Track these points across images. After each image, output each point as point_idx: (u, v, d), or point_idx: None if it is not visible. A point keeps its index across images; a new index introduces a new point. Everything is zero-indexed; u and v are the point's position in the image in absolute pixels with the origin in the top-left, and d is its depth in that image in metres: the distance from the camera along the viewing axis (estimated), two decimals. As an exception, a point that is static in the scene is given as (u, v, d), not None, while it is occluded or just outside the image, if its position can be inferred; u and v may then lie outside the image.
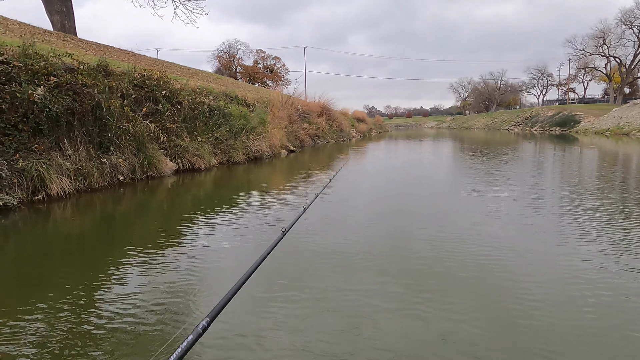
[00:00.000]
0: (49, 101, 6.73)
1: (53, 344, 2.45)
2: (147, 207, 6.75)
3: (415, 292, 3.10)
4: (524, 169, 10.75)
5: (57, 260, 4.20)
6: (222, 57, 70.36)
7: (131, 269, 3.72)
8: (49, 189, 6.22)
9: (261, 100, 20.89)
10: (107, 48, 21.86)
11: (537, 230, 4.77)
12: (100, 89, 7.88)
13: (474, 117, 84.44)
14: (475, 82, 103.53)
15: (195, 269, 3.69)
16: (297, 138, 19.32)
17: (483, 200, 6.45)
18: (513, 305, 2.87)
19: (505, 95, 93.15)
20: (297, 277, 3.47)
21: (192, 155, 9.96)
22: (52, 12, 22.89)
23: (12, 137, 6.26)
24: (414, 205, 6.44)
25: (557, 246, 4.17)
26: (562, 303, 2.91)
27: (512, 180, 8.67)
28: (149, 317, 2.80)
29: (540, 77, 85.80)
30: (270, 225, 5.13)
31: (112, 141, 7.91)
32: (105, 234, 5.20)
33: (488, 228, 4.88)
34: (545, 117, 49.27)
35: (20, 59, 7.15)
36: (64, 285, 3.39)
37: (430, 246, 4.20)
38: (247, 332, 2.57)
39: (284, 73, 73.06)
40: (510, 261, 3.75)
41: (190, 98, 11.48)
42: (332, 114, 27.35)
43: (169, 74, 17.67)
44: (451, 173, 10.91)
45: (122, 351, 2.38)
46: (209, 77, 26.94)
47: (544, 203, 6.31)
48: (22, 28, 18.01)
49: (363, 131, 36.63)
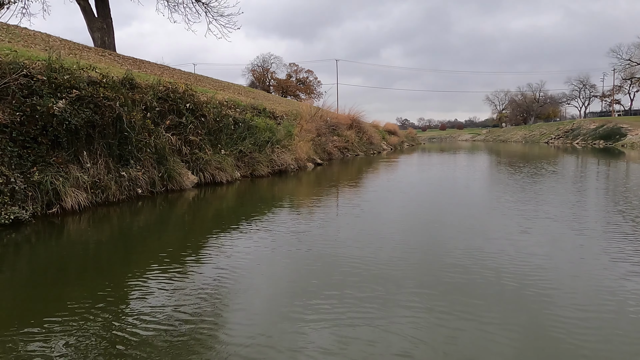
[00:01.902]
0: (68, 114, 6.72)
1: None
2: (164, 221, 6.57)
3: (451, 306, 3.09)
4: (566, 185, 9.98)
5: (70, 275, 4.08)
6: (256, 70, 71.62)
7: (151, 285, 3.61)
8: (63, 202, 6.15)
9: (290, 112, 20.81)
10: (142, 62, 22.48)
11: (584, 255, 4.31)
12: (122, 101, 7.86)
13: (511, 130, 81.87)
14: (512, 93, 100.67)
15: (219, 288, 3.57)
16: (325, 151, 19.03)
17: (520, 216, 5.88)
18: (554, 331, 2.71)
19: (544, 107, 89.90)
20: (332, 291, 3.43)
21: (214, 169, 9.83)
22: (93, 29, 23.85)
23: (30, 149, 6.25)
24: (448, 223, 5.95)
25: (604, 269, 3.90)
26: (606, 328, 2.76)
27: (552, 196, 8.00)
28: (173, 336, 2.70)
29: (582, 88, 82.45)
30: (297, 240, 5.03)
31: (132, 154, 7.84)
32: (121, 249, 5.04)
33: (526, 245, 4.54)
34: (587, 129, 47.02)
35: (45, 73, 7.21)
36: (80, 301, 3.29)
37: (468, 262, 4.09)
38: (283, 348, 2.54)
39: (316, 86, 73.53)
40: (552, 284, 3.51)
41: (215, 111, 11.42)
42: (362, 127, 26.97)
43: (199, 87, 17.91)
44: (486, 189, 10.27)
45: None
46: (240, 90, 27.23)
47: (589, 222, 5.71)
48: (63, 44, 18.73)
49: (394, 144, 35.99)
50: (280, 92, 68.49)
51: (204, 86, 21.00)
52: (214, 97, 12.61)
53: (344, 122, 24.66)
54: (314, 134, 18.57)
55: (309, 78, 73.88)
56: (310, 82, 73.70)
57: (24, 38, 15.45)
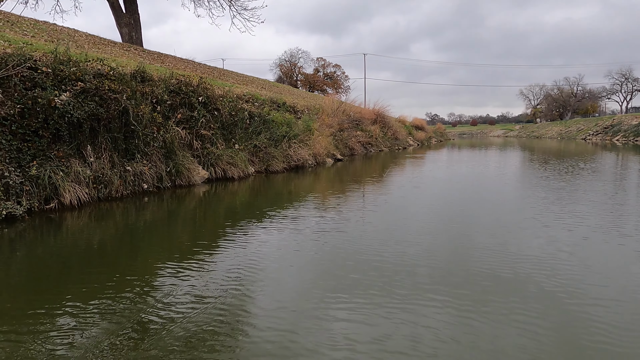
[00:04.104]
0: (71, 107, 6.55)
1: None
2: (166, 217, 6.30)
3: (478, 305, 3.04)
4: (606, 185, 9.17)
5: (60, 273, 3.90)
6: (283, 65, 71.58)
7: (155, 282, 3.51)
8: (62, 197, 5.98)
9: (312, 107, 20.42)
10: (167, 57, 22.60)
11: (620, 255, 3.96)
12: (128, 94, 7.67)
13: (546, 126, 78.82)
14: (547, 88, 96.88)
15: (233, 287, 3.41)
16: (347, 146, 18.57)
17: (556, 219, 5.30)
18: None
19: (582, 102, 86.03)
20: (359, 289, 3.35)
21: (225, 164, 9.56)
22: (121, 24, 24.23)
23: (31, 143, 6.11)
24: (477, 226, 5.44)
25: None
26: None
27: (592, 197, 7.29)
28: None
29: (624, 82, 78.38)
30: (309, 239, 4.86)
31: (139, 148, 7.65)
32: (119, 246, 4.83)
33: (562, 247, 4.20)
34: (629, 125, 44.44)
35: (51, 65, 7.08)
36: (78, 299, 3.19)
37: (499, 266, 3.89)
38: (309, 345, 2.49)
39: (343, 80, 72.89)
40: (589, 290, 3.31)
41: (231, 105, 11.16)
42: (386, 121, 26.31)
43: (220, 81, 17.75)
44: (519, 193, 9.56)
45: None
46: (264, 85, 27.05)
47: (628, 225, 5.10)
48: (89, 39, 18.95)
49: (421, 139, 35.07)
50: (308, 87, 68.23)
51: (227, 80, 20.88)
52: (231, 91, 12.36)
53: (368, 117, 24.08)
54: (335, 128, 18.13)
55: (336, 73, 73.30)
56: (337, 77, 73.11)
57: (49, 33, 15.63)
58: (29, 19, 17.67)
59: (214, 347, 2.49)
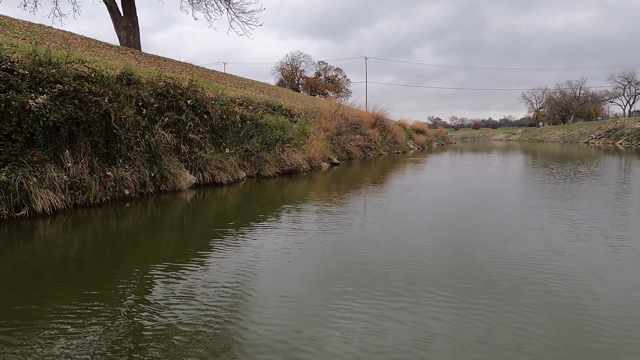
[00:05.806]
0: (47, 110, 6.29)
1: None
2: (150, 224, 6.00)
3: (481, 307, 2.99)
4: (609, 189, 8.84)
5: (33, 284, 3.61)
6: (284, 69, 71.48)
7: (136, 293, 3.32)
8: (34, 203, 5.70)
9: (310, 110, 20.14)
10: (164, 60, 22.39)
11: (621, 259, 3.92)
12: (110, 97, 7.40)
13: (548, 129, 78.39)
14: (550, 91, 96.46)
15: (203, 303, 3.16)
16: (344, 150, 18.27)
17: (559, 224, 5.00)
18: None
19: (584, 106, 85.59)
20: (364, 291, 3.30)
21: (214, 168, 9.28)
22: (119, 28, 24.11)
23: (2, 147, 5.84)
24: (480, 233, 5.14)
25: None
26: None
27: (594, 200, 6.97)
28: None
29: (627, 86, 77.91)
30: (298, 246, 4.63)
31: (121, 152, 7.37)
32: (93, 255, 4.52)
33: (566, 255, 4.06)
34: (632, 129, 44.04)
35: (28, 66, 6.83)
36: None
37: (503, 268, 3.84)
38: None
39: (345, 84, 72.73)
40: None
41: (223, 108, 10.89)
42: (386, 125, 26.01)
43: (215, 84, 17.49)
44: (521, 197, 9.23)
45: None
46: (262, 88, 26.82)
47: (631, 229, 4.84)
48: (83, 42, 18.76)
49: (422, 143, 34.75)
50: (309, 91, 68.10)
51: (225, 84, 20.60)
52: (224, 94, 12.10)
53: (367, 120, 23.80)
54: (333, 132, 17.84)
55: (337, 76, 73.15)
56: (339, 81, 72.94)
57: (42, 35, 15.42)
58: (22, 22, 17.49)
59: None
